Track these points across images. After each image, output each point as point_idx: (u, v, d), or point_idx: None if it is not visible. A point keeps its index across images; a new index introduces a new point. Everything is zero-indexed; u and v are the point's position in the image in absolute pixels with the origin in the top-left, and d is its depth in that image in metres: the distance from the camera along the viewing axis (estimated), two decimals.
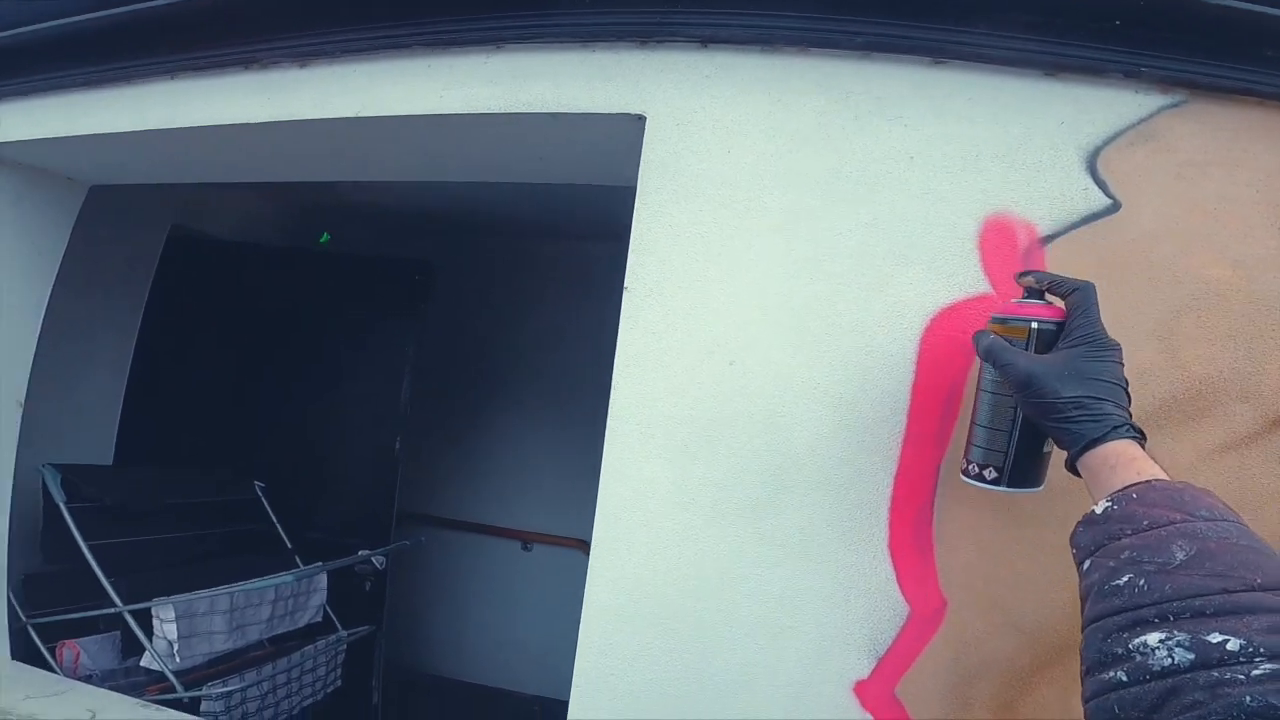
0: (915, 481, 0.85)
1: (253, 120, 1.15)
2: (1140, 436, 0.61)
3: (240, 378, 2.73)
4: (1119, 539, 0.51)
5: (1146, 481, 0.54)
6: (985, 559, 0.84)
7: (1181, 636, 0.42)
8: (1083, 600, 0.52)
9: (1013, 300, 0.74)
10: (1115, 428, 0.59)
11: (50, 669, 1.59)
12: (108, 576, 1.75)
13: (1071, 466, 0.63)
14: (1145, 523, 0.50)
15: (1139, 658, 0.43)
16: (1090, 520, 0.55)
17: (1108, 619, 0.48)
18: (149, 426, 2.44)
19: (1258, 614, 0.41)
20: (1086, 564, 0.53)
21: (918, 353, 0.85)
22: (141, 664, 1.68)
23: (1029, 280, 0.73)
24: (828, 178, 0.89)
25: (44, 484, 1.85)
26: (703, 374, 0.91)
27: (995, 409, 0.73)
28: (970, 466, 0.75)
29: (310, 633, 2.20)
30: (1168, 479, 0.55)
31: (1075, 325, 0.66)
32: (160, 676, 1.73)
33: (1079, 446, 0.61)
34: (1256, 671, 0.38)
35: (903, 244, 0.86)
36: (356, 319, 2.75)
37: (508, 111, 1.01)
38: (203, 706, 1.65)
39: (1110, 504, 0.54)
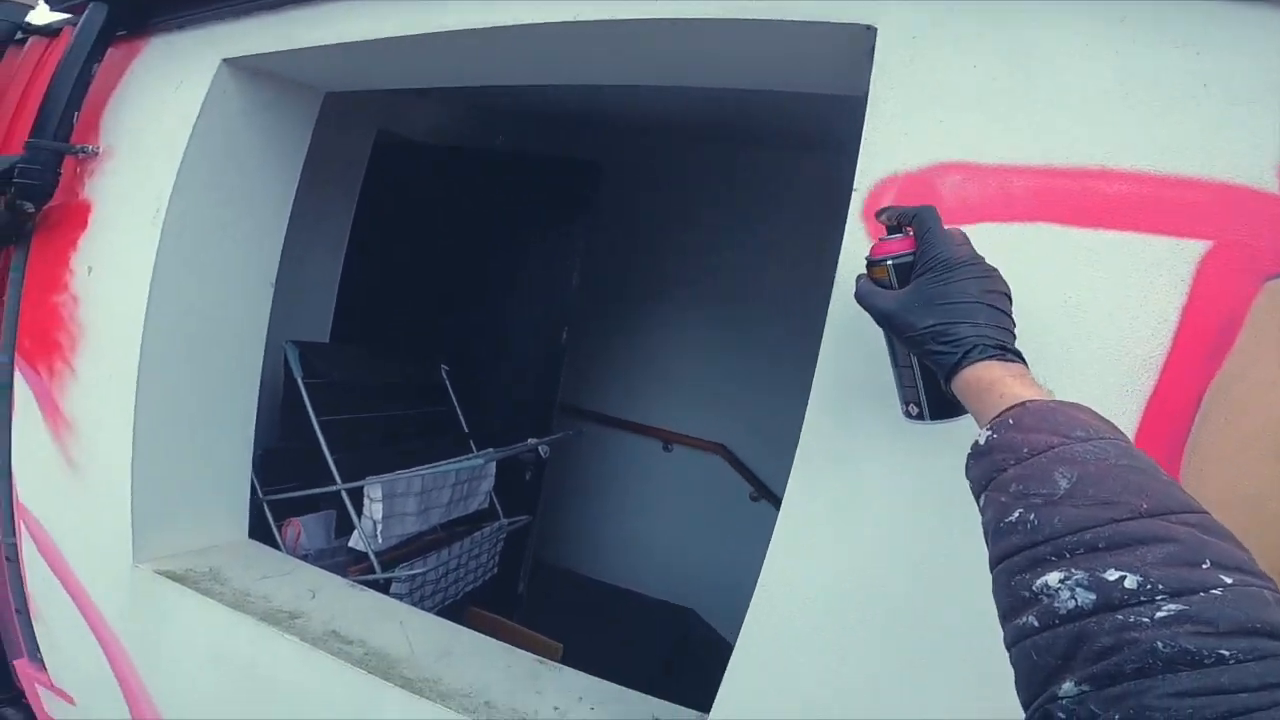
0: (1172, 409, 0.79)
1: (481, 26, 1.21)
2: (1007, 352, 0.59)
3: (430, 268, 3.00)
4: (1004, 470, 0.50)
5: (1022, 404, 0.53)
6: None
7: (1080, 575, 0.41)
8: (985, 539, 0.51)
9: (876, 239, 0.74)
10: (969, 351, 0.59)
11: (276, 546, 1.87)
12: (329, 454, 2.02)
13: (953, 396, 0.63)
14: (1025, 450, 0.49)
15: (1045, 600, 0.42)
16: (976, 452, 0.54)
17: (1009, 559, 0.46)
18: (359, 310, 2.79)
19: (1149, 544, 0.40)
20: (981, 499, 0.52)
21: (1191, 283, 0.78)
22: (349, 544, 1.94)
23: (884, 217, 0.73)
24: (1099, 99, 0.81)
25: (285, 360, 2.13)
26: None
27: (894, 349, 0.77)
28: (901, 407, 0.78)
29: (477, 520, 2.46)
30: (1041, 398, 0.54)
31: (920, 253, 0.66)
32: (358, 558, 1.98)
33: (944, 375, 0.61)
34: (1160, 614, 0.37)
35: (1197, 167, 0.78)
36: (533, 215, 2.92)
37: (734, 18, 1.00)
38: (392, 588, 1.90)
39: (991, 433, 0.53)
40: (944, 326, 0.61)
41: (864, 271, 0.74)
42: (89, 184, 1.62)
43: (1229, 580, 0.38)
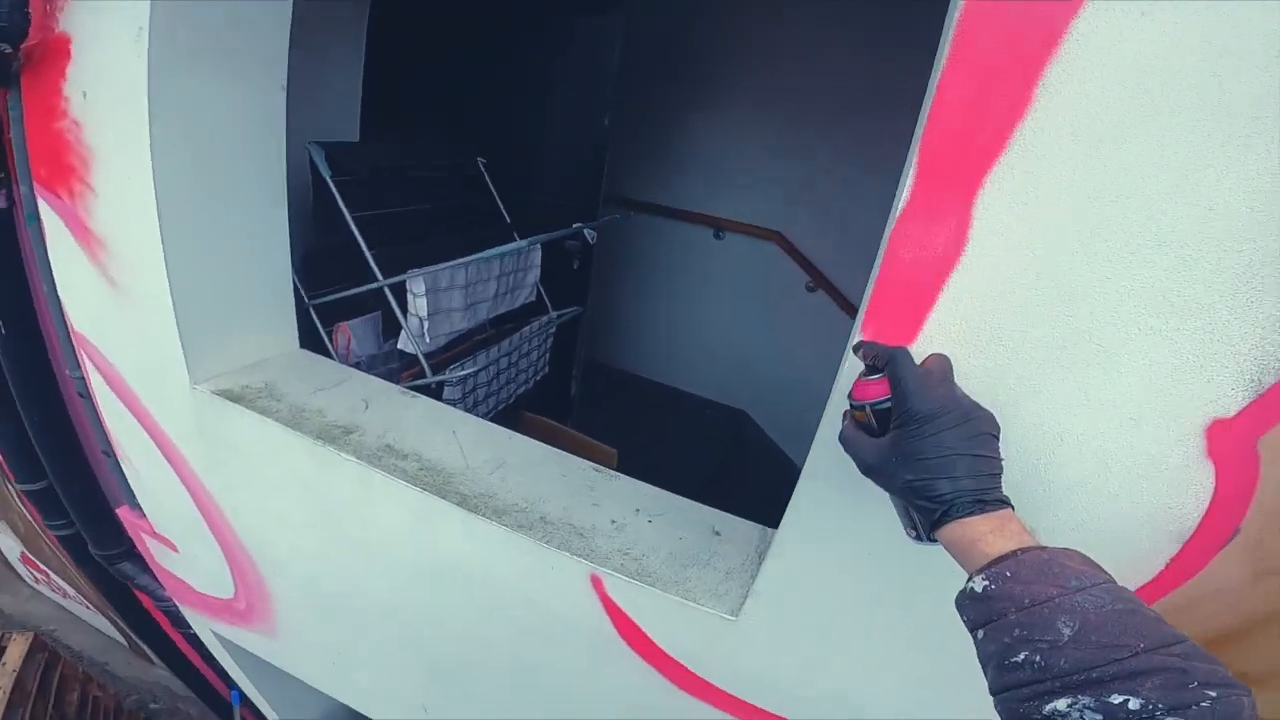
0: None
1: None
2: (988, 503, 0.62)
3: (459, 59, 2.65)
4: (1006, 616, 0.55)
5: (1014, 555, 0.58)
6: None
7: (1087, 700, 0.48)
8: (982, 664, 0.57)
9: (858, 379, 0.74)
10: (947, 510, 0.63)
11: (328, 354, 1.84)
12: (367, 250, 1.92)
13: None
14: (1027, 600, 0.54)
15: None
16: (973, 596, 0.58)
17: (1015, 690, 0.53)
18: (387, 109, 2.52)
19: (1150, 675, 0.47)
20: (979, 634, 0.57)
21: None
22: (398, 346, 1.90)
23: (861, 353, 0.74)
24: None
25: (310, 160, 1.99)
26: None
27: None
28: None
29: (525, 316, 2.38)
30: (1031, 548, 0.58)
31: (895, 403, 0.68)
32: (409, 363, 1.96)
33: (925, 531, 0.65)
34: None
35: None
36: None
37: None
38: (444, 393, 1.88)
39: (988, 583, 0.57)
40: (922, 483, 0.64)
41: (849, 403, 0.75)
42: (62, 17, 1.41)
43: (1214, 694, 0.46)
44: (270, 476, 1.59)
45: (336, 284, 2.03)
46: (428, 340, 1.94)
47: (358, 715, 2.40)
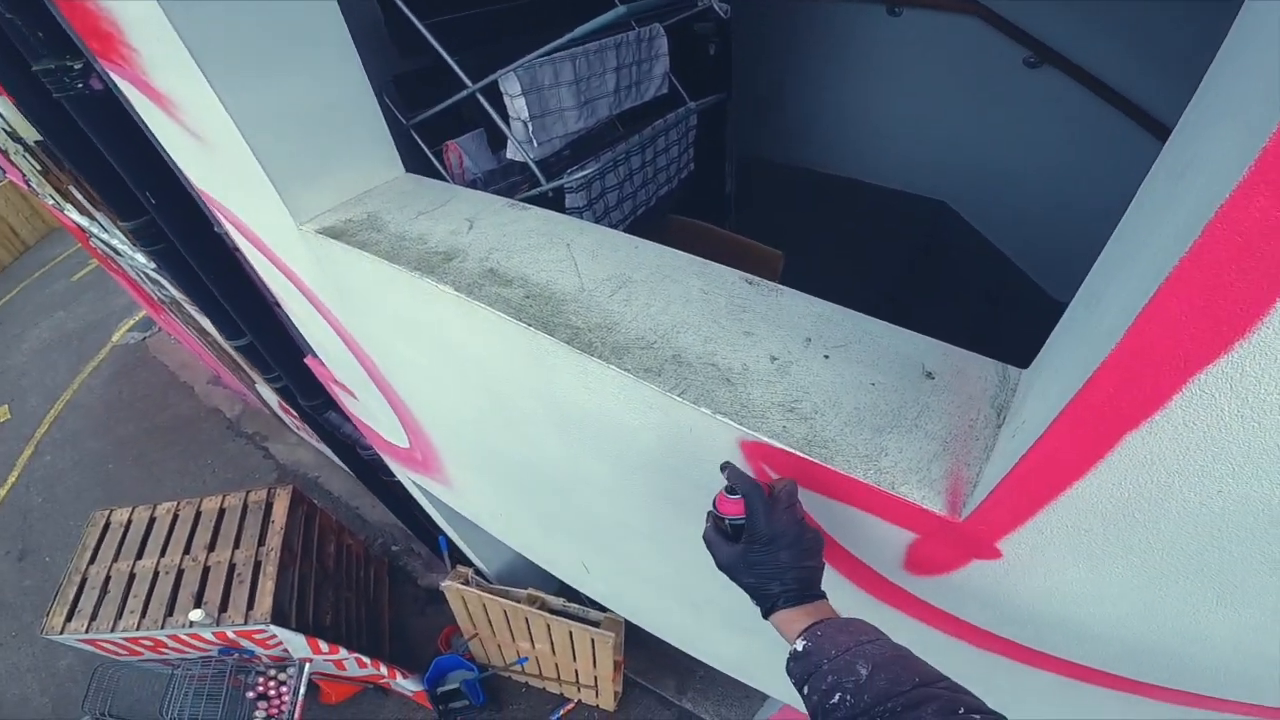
0: None
1: None
2: (806, 598, 0.84)
3: None
4: (820, 667, 0.72)
5: (822, 622, 0.78)
6: None
7: None
8: (810, 713, 0.72)
9: (721, 492, 0.91)
10: (774, 604, 0.84)
11: (441, 176, 1.64)
12: (453, 55, 1.62)
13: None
14: (833, 651, 0.73)
15: None
16: (795, 656, 0.77)
17: None
18: None
19: (928, 703, 0.63)
20: (805, 689, 0.73)
21: None
22: (508, 155, 1.64)
23: (725, 474, 0.90)
24: None
25: None
26: None
27: None
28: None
29: (659, 111, 1.98)
30: (830, 618, 0.80)
31: (746, 524, 0.88)
32: (531, 174, 1.69)
33: (762, 613, 0.86)
34: None
35: None
36: None
37: None
38: (567, 202, 1.60)
39: (807, 642, 0.76)
40: (760, 585, 0.85)
41: (712, 509, 0.93)
42: None
43: (978, 717, 0.61)
44: (389, 315, 1.46)
45: (434, 103, 1.83)
46: (535, 144, 1.66)
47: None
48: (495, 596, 3.51)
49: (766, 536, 0.86)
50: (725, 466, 0.91)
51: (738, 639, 1.80)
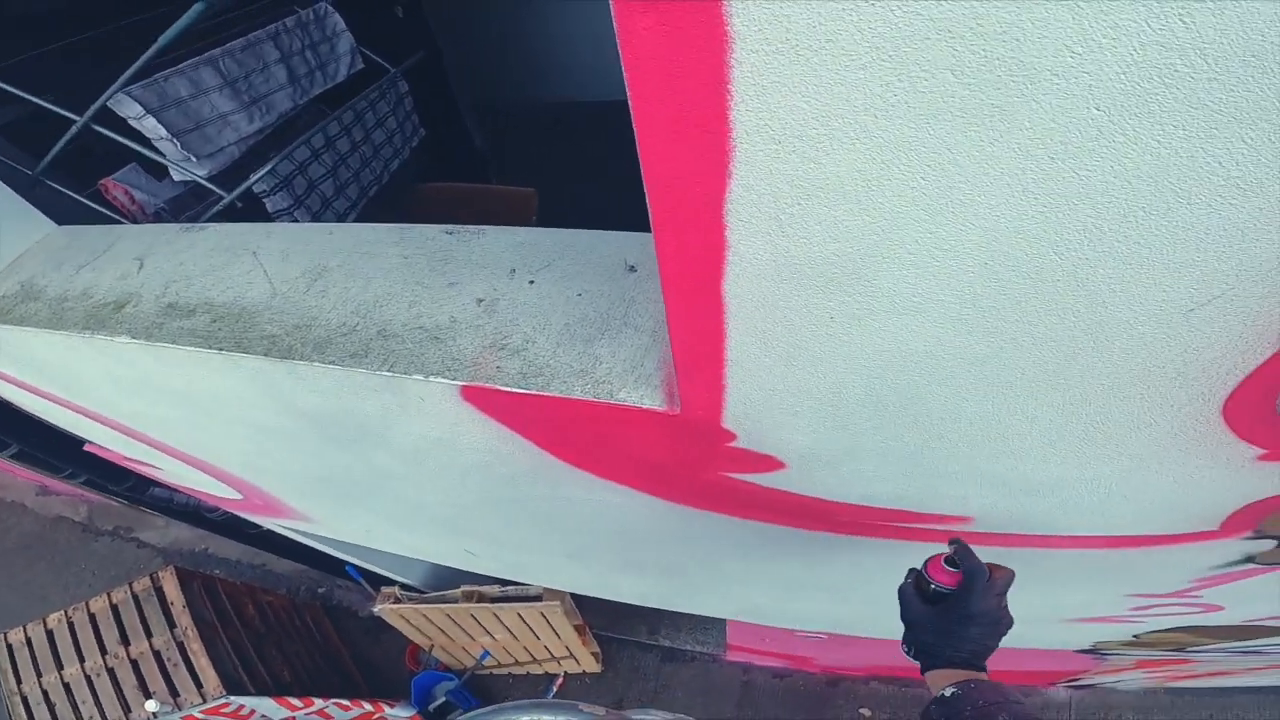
0: None
1: None
2: (972, 667, 0.91)
3: None
4: (964, 713, 0.83)
5: (977, 678, 0.88)
6: None
7: None
8: None
9: (936, 556, 0.96)
10: (938, 665, 0.92)
11: (114, 219, 1.52)
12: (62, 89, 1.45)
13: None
14: (980, 701, 0.83)
15: None
16: (942, 700, 0.86)
17: None
18: None
19: None
20: None
21: None
22: (175, 177, 1.54)
23: (953, 548, 0.95)
24: None
25: None
26: None
27: None
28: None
29: (364, 84, 1.91)
30: (984, 679, 0.89)
31: (956, 596, 0.93)
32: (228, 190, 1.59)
33: (922, 667, 0.94)
34: None
35: None
36: None
37: None
38: (269, 207, 1.53)
39: (957, 689, 0.86)
40: (937, 645, 0.93)
41: (921, 570, 0.98)
42: None
43: None
44: (105, 381, 1.38)
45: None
46: (198, 159, 1.56)
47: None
48: (431, 605, 3.54)
49: (973, 613, 0.92)
50: (955, 542, 0.97)
51: (632, 576, 1.89)
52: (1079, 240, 0.52)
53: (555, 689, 4.33)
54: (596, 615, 4.05)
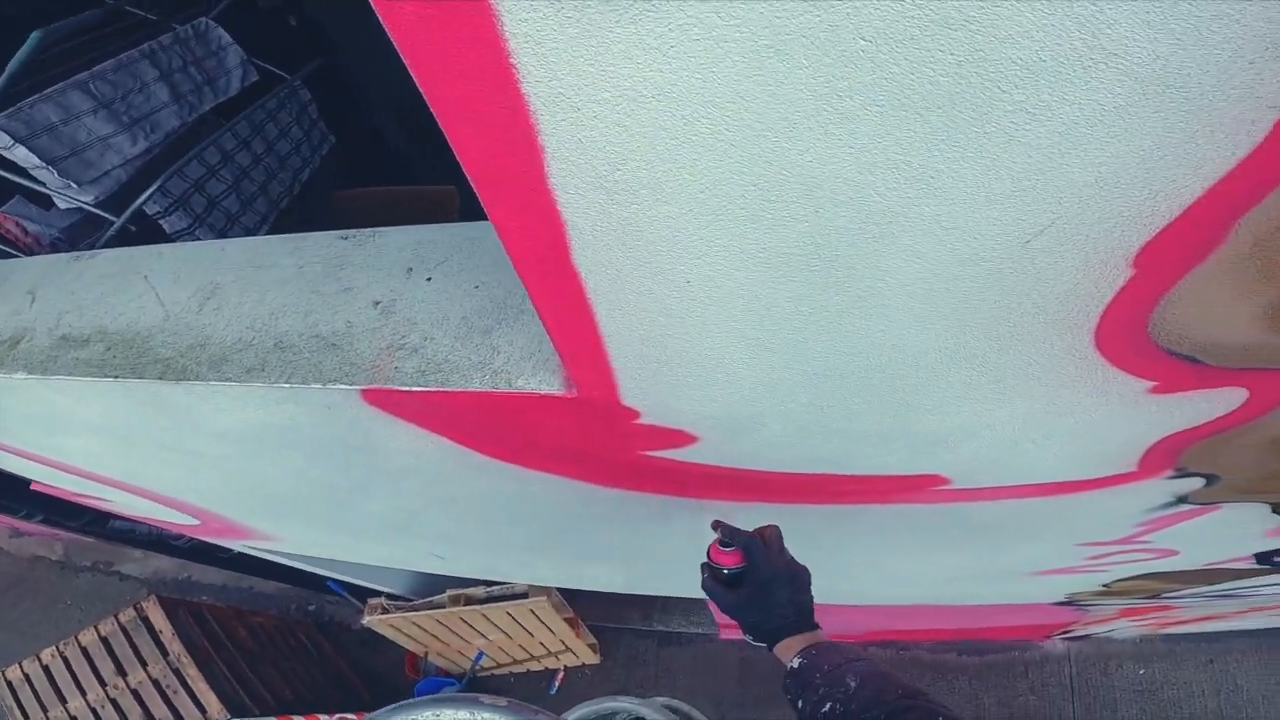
0: None
1: None
2: (802, 627, 0.95)
3: None
4: (814, 680, 0.86)
5: (815, 644, 0.92)
6: None
7: None
8: None
9: (713, 544, 0.99)
10: (776, 639, 0.96)
11: (9, 253, 1.51)
12: None
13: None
14: (826, 667, 0.87)
15: None
16: (793, 672, 0.90)
17: None
18: None
19: (909, 712, 0.76)
20: (799, 702, 0.87)
21: None
22: (61, 206, 1.53)
23: (719, 532, 0.99)
24: None
25: None
26: None
27: None
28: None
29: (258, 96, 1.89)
30: (823, 642, 0.93)
31: (746, 572, 0.98)
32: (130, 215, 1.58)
33: (767, 647, 0.98)
34: None
35: None
36: None
37: None
38: (168, 229, 1.51)
39: (802, 660, 0.90)
40: (763, 621, 0.97)
41: (707, 560, 1.01)
42: None
43: None
44: (23, 422, 1.37)
45: None
46: (78, 187, 1.54)
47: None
48: (419, 612, 3.55)
49: (766, 579, 0.97)
50: (717, 525, 1.01)
51: (596, 564, 1.89)
52: (895, 178, 0.52)
53: (557, 684, 4.36)
54: (589, 607, 4.08)
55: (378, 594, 3.80)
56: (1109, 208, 0.52)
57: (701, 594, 1.02)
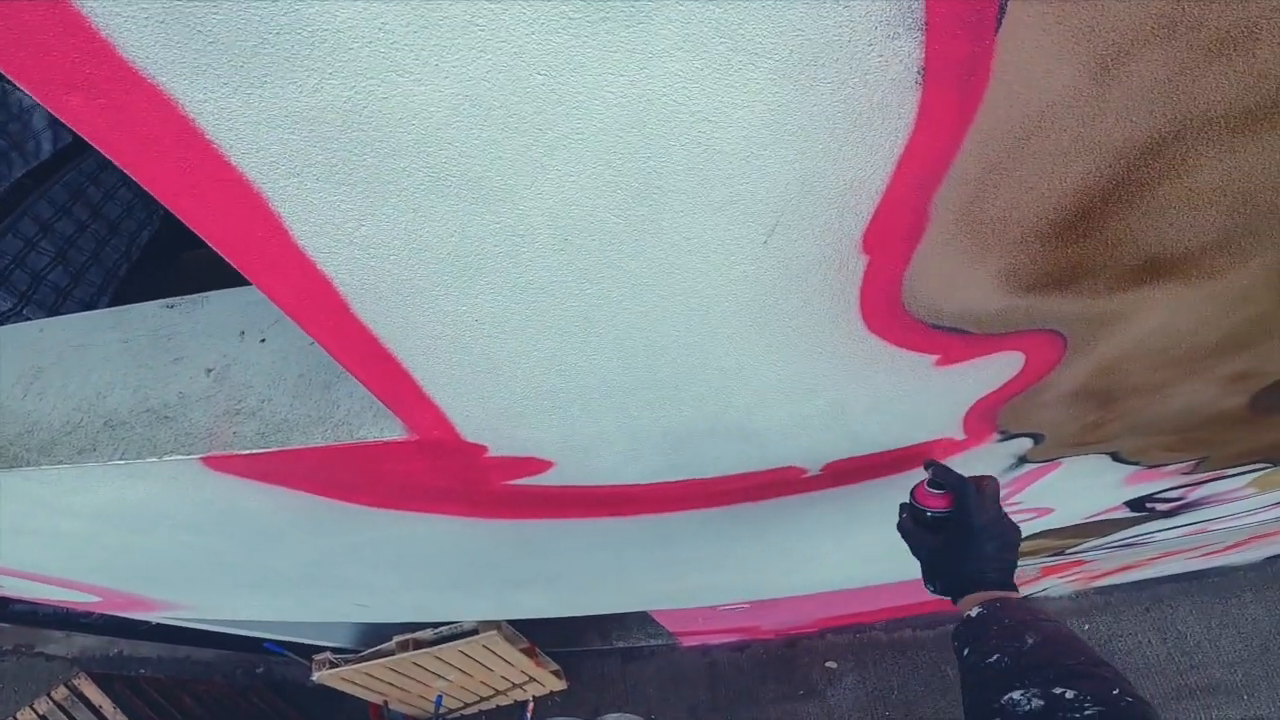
0: None
1: None
2: (1003, 587, 0.90)
3: None
4: (988, 631, 0.82)
5: (1005, 597, 0.88)
6: None
7: (1035, 691, 0.72)
8: (964, 674, 0.83)
9: (919, 484, 0.99)
10: (966, 592, 0.91)
11: None
12: None
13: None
14: (1006, 620, 0.82)
15: (1009, 708, 0.73)
16: (969, 620, 0.86)
17: (985, 682, 0.78)
18: None
19: (1085, 679, 0.72)
20: (966, 651, 0.84)
21: None
22: None
23: (930, 472, 0.97)
24: None
25: None
26: None
27: None
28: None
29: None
30: (1014, 597, 0.89)
31: (955, 519, 0.96)
32: None
33: (953, 600, 0.94)
34: (1088, 711, 0.68)
35: None
36: None
37: None
38: None
39: (982, 609, 0.86)
40: (962, 572, 0.93)
41: (910, 501, 1.02)
42: None
43: (1130, 700, 0.69)
44: None
45: None
46: None
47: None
48: (368, 662, 3.50)
49: (976, 529, 0.92)
50: (929, 464, 0.98)
51: (521, 592, 1.90)
52: (625, 196, 0.55)
53: (529, 716, 4.32)
54: (545, 634, 4.07)
55: (321, 649, 3.73)
56: (820, 200, 0.56)
57: (633, 610, 1.07)
